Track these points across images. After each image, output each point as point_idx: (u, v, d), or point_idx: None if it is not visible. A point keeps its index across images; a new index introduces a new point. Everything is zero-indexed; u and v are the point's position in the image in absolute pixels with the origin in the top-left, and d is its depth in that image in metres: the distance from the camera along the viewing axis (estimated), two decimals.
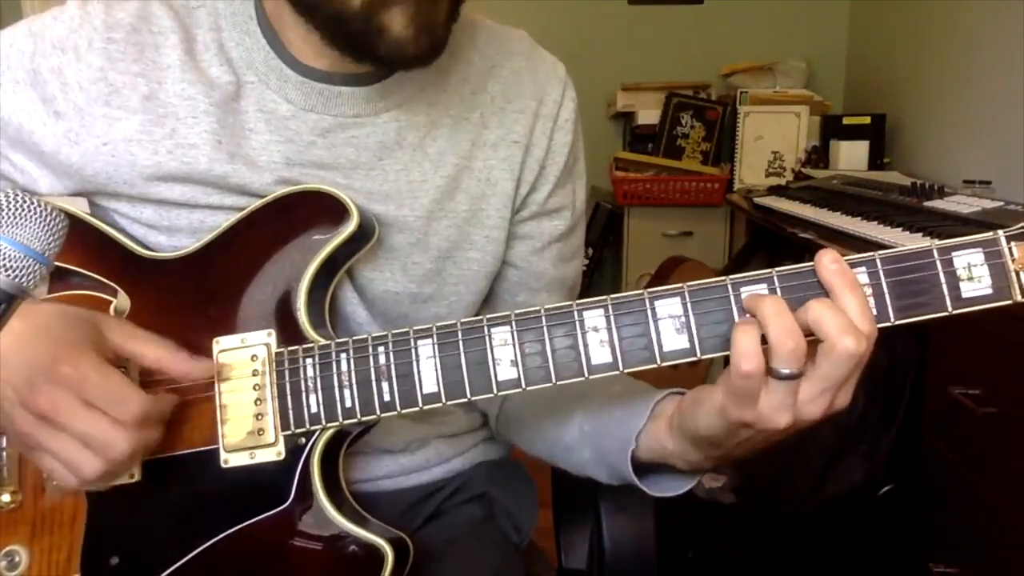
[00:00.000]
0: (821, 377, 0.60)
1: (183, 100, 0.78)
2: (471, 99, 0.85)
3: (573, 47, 3.16)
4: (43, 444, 0.66)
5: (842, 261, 0.61)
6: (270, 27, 0.79)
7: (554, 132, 0.88)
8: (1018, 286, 0.61)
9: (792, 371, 0.60)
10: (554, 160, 0.89)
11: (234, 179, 0.78)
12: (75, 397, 0.65)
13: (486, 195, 0.85)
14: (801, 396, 0.61)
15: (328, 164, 0.80)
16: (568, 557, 1.04)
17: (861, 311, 0.60)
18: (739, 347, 0.60)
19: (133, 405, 0.66)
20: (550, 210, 0.90)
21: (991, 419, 1.36)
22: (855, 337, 0.58)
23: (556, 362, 0.66)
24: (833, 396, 0.61)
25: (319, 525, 0.74)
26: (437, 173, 0.83)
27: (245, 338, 0.74)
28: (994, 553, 1.40)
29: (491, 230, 0.86)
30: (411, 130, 0.82)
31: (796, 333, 0.59)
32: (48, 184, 0.81)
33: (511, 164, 0.86)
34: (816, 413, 0.61)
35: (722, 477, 2.12)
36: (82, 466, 0.66)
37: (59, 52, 0.78)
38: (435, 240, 0.84)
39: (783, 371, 0.60)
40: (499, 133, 0.86)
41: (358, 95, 0.80)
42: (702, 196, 2.96)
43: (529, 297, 0.92)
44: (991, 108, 2.19)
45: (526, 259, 0.91)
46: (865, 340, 0.59)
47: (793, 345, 0.59)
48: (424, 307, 0.86)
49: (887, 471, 1.75)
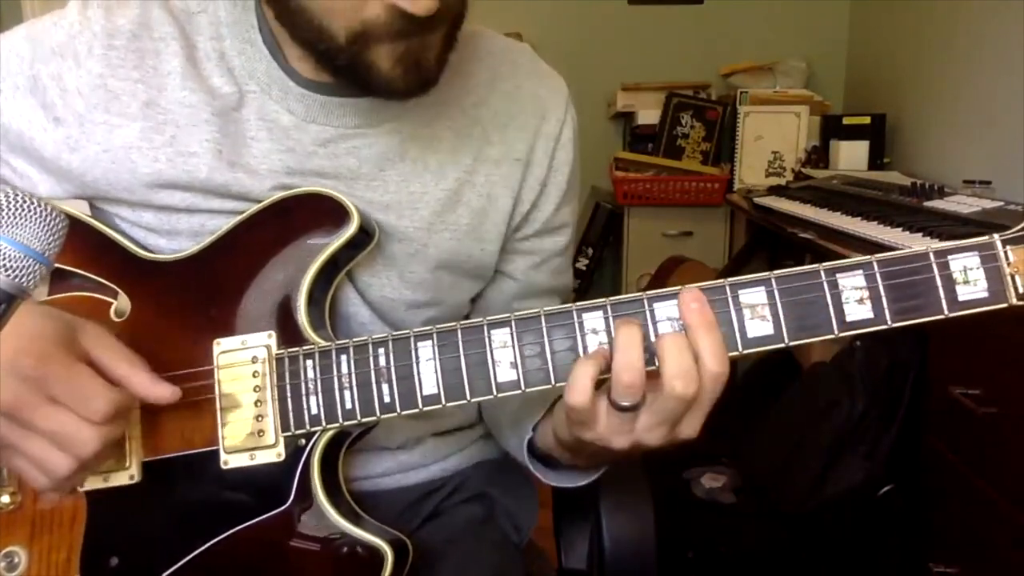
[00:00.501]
0: (657, 411, 0.63)
1: (184, 108, 0.78)
2: (473, 112, 0.85)
3: (573, 47, 3.21)
4: (10, 442, 0.66)
5: (703, 301, 0.63)
6: (272, 37, 0.79)
7: (556, 151, 0.88)
8: (1013, 289, 0.61)
9: (628, 403, 0.62)
10: (555, 179, 0.89)
11: (235, 187, 0.78)
12: (39, 393, 0.64)
13: (486, 210, 0.85)
14: (640, 425, 0.64)
15: (329, 173, 0.80)
16: (568, 557, 1.04)
17: (713, 352, 0.61)
18: (572, 381, 0.63)
19: (100, 402, 0.66)
20: (553, 228, 0.91)
21: (991, 419, 1.36)
22: (684, 382, 0.61)
23: (555, 364, 0.66)
24: (671, 428, 0.64)
25: (319, 526, 0.74)
26: (438, 186, 0.83)
27: (246, 340, 0.74)
28: (994, 553, 1.40)
29: (487, 243, 0.87)
30: (412, 142, 0.82)
31: (636, 370, 0.61)
32: (48, 188, 0.81)
33: (511, 182, 0.86)
34: (656, 441, 0.64)
35: (722, 477, 2.12)
36: (52, 465, 0.66)
37: (59, 58, 0.78)
38: (434, 252, 0.84)
39: (621, 403, 0.62)
40: (501, 150, 0.85)
41: (360, 106, 0.80)
42: (702, 196, 2.96)
43: (520, 304, 0.92)
44: (991, 108, 2.19)
45: (525, 273, 0.91)
46: (697, 385, 0.61)
47: (628, 381, 0.61)
48: (419, 312, 0.86)
49: (887, 471, 1.75)
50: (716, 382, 0.62)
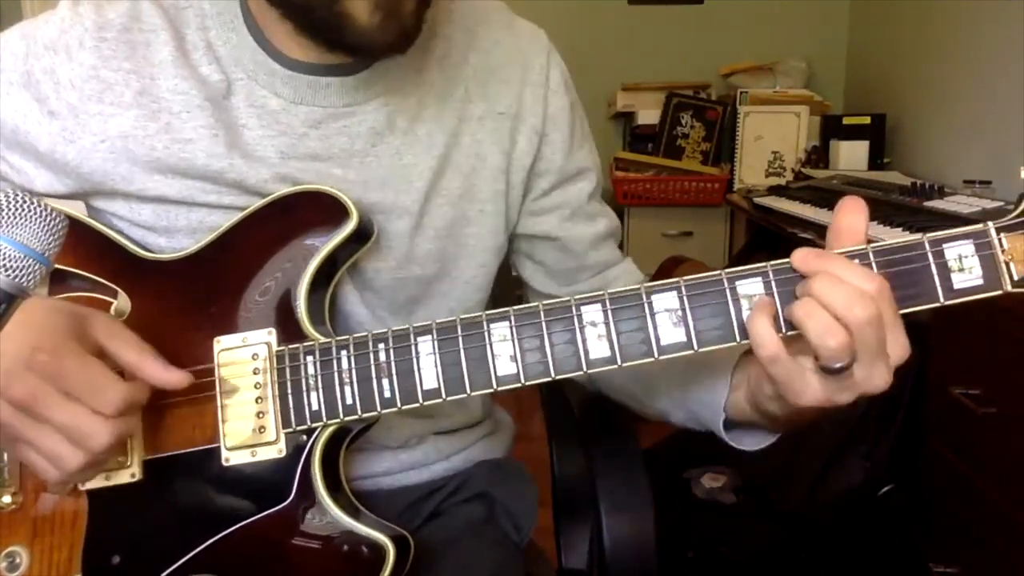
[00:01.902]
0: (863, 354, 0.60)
1: (176, 95, 0.79)
2: (453, 73, 0.85)
3: (573, 47, 3.16)
4: (23, 435, 0.66)
5: (814, 250, 0.62)
6: (256, 24, 0.80)
7: (548, 97, 0.88)
8: (1008, 276, 0.61)
9: (842, 364, 0.60)
10: (556, 126, 0.88)
11: (231, 174, 0.78)
12: (53, 387, 0.65)
13: (476, 170, 0.85)
14: (857, 377, 0.61)
15: (322, 155, 0.80)
16: (568, 557, 1.04)
17: (860, 274, 0.60)
18: (755, 337, 0.61)
19: (113, 395, 0.66)
20: (571, 174, 0.90)
21: (991, 419, 1.36)
22: (862, 304, 0.58)
23: (555, 357, 0.66)
24: (886, 360, 0.61)
25: (320, 522, 0.74)
26: (428, 154, 0.83)
27: (246, 337, 0.74)
28: (994, 553, 1.40)
29: (484, 203, 0.86)
30: (400, 114, 0.82)
31: (835, 330, 0.59)
32: (45, 183, 0.81)
33: (499, 137, 0.86)
34: (882, 383, 0.61)
35: (722, 477, 2.12)
36: (63, 458, 0.66)
37: (51, 53, 0.79)
38: (431, 220, 0.84)
39: (833, 366, 0.60)
40: (484, 106, 0.85)
41: (346, 85, 0.80)
42: (702, 196, 2.96)
43: (578, 263, 0.92)
44: (991, 108, 2.19)
45: (561, 227, 0.90)
46: (873, 302, 0.59)
47: (835, 344, 0.59)
48: (431, 287, 0.86)
49: (887, 471, 1.75)
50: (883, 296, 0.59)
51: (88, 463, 0.67)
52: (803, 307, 0.60)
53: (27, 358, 0.64)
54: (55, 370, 0.65)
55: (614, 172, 3.03)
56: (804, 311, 0.60)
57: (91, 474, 0.70)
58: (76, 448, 0.66)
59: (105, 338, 0.69)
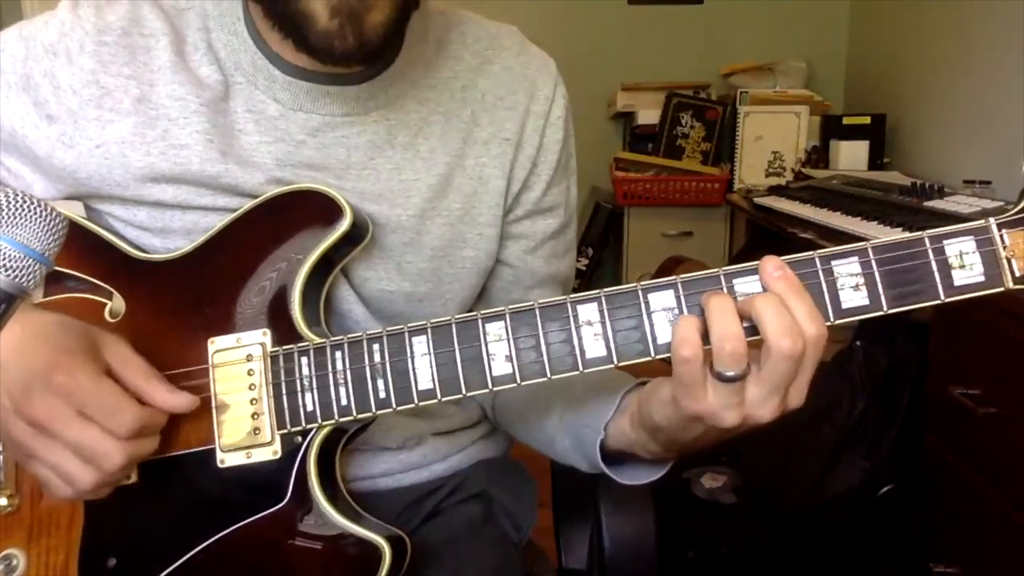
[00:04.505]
0: (765, 377, 0.60)
1: (174, 101, 0.78)
2: (461, 96, 0.85)
3: (573, 47, 3.19)
4: (37, 453, 0.66)
5: (785, 267, 0.62)
6: (255, 28, 0.79)
7: (545, 129, 0.88)
8: (1009, 273, 0.61)
9: (734, 373, 0.60)
10: (546, 158, 0.89)
11: (226, 179, 0.78)
12: (69, 406, 0.65)
13: (478, 193, 0.85)
14: (749, 397, 0.61)
15: (319, 165, 0.80)
16: (568, 557, 1.04)
17: (808, 314, 0.60)
18: (678, 334, 0.61)
19: (127, 417, 0.66)
20: (544, 209, 0.90)
21: (991, 419, 1.36)
22: (791, 338, 0.59)
23: (551, 356, 0.66)
24: (782, 397, 0.62)
25: (316, 523, 0.73)
26: (429, 172, 0.83)
27: (240, 338, 0.74)
28: (994, 553, 1.39)
29: (484, 227, 0.86)
30: (401, 129, 0.82)
31: (736, 336, 0.60)
32: (41, 188, 0.81)
33: (502, 162, 0.86)
34: (767, 414, 0.62)
35: (722, 477, 2.12)
36: (76, 477, 0.66)
37: (51, 56, 0.78)
38: (428, 239, 0.84)
39: (725, 373, 0.60)
40: (490, 131, 0.85)
41: (347, 94, 0.80)
42: (702, 196, 2.96)
43: (523, 294, 0.92)
44: (991, 108, 2.19)
45: (520, 258, 0.91)
46: (803, 342, 0.59)
47: (731, 348, 0.60)
48: (420, 306, 0.86)
49: (887, 471, 1.75)
50: (817, 344, 0.60)
51: (100, 482, 0.67)
52: (767, 300, 0.60)
53: (45, 376, 0.65)
54: (72, 390, 0.65)
55: (614, 172, 3.03)
56: (768, 304, 0.60)
57: (103, 492, 0.70)
58: (89, 467, 0.66)
59: (114, 360, 0.69)
